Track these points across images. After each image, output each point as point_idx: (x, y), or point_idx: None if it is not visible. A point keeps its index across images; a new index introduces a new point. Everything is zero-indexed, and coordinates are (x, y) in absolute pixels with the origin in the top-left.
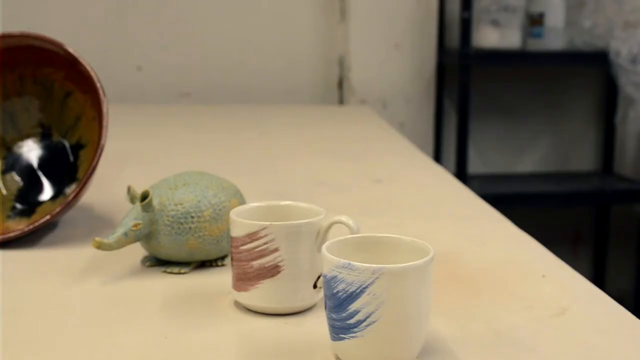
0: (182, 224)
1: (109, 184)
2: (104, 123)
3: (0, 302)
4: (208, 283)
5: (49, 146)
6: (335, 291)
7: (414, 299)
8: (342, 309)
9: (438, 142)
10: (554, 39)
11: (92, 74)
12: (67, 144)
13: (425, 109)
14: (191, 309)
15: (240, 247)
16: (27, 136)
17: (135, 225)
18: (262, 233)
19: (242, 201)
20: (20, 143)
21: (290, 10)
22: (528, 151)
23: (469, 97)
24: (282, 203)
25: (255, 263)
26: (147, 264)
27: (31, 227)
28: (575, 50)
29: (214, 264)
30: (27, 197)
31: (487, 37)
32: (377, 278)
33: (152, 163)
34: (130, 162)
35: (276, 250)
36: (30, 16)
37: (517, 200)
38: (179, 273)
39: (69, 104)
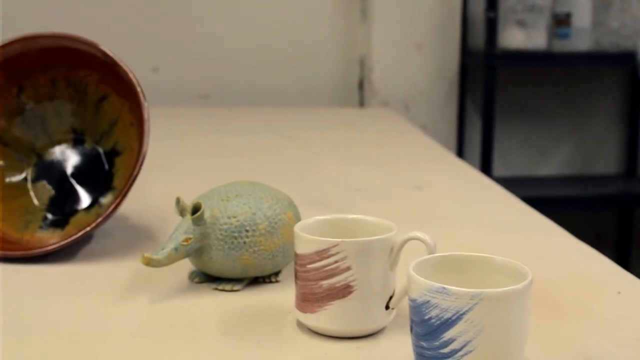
0: (236, 238)
1: (139, 191)
2: (145, 129)
3: (41, 321)
4: (264, 301)
5: (82, 153)
6: (427, 317)
7: (514, 326)
8: (434, 337)
9: (460, 144)
10: (581, 39)
11: (132, 76)
12: (101, 151)
13: (448, 110)
14: (251, 330)
15: (308, 266)
16: (59, 142)
17: (186, 240)
18: (333, 250)
19: (296, 213)
20: (51, 149)
21: (310, 10)
22: (551, 154)
23: (494, 98)
24: (350, 217)
25: (325, 283)
26: (196, 280)
27: (70, 239)
28: (602, 51)
29: (267, 280)
30: (60, 206)
31: (513, 37)
32: (475, 304)
33: (175, 167)
34: (152, 166)
35: (348, 269)
36: (40, 16)
37: (539, 204)
38: (232, 290)
39: (104, 108)
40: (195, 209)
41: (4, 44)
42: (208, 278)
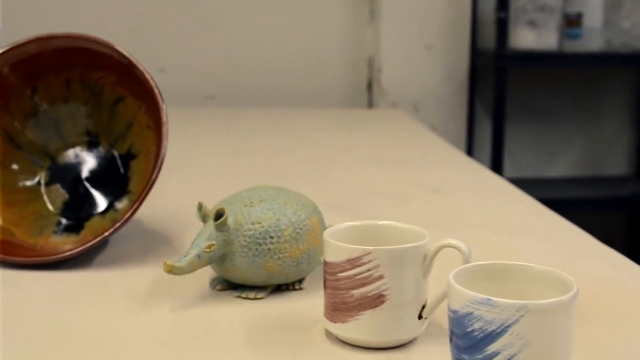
0: (260, 244)
1: (152, 194)
2: (164, 131)
3: (59, 330)
4: (290, 310)
5: (97, 156)
6: (469, 330)
7: (561, 339)
8: (477, 350)
9: (469, 145)
10: (592, 39)
11: (149, 78)
12: (116, 154)
13: (457, 111)
14: (279, 340)
15: (339, 274)
16: (73, 145)
17: (209, 247)
18: (366, 259)
19: (321, 219)
20: (65, 152)
21: (317, 10)
22: (560, 155)
23: (505, 99)
24: (380, 223)
25: (356, 292)
26: (218, 287)
27: (87, 245)
28: (613, 52)
29: (290, 287)
30: (74, 211)
31: (524, 38)
32: (522, 316)
33: (187, 169)
34: (164, 169)
35: (380, 277)
36: (46, 17)
37: (548, 206)
38: (255, 298)
39: (120, 110)
40: (219, 215)
41: (18, 45)
42: (230, 285)
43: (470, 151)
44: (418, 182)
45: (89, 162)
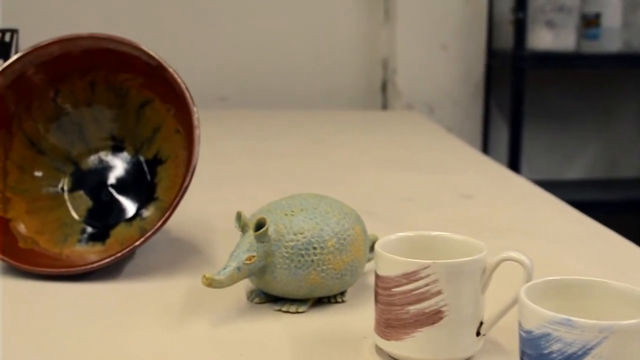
0: (302, 256)
1: None
2: (196, 136)
3: (91, 346)
4: (334, 324)
5: (122, 161)
6: (547, 352)
7: None
8: None
9: (485, 147)
10: (611, 40)
11: (180, 80)
12: (142, 159)
13: (473, 113)
14: (328, 357)
15: (394, 289)
16: (97, 150)
17: (249, 259)
18: (423, 273)
19: (364, 228)
20: (88, 157)
21: (331, 10)
22: (576, 157)
23: (522, 101)
24: (433, 234)
25: (413, 308)
26: (256, 300)
27: (116, 256)
28: (632, 52)
29: (332, 300)
30: (98, 218)
31: (541, 38)
32: (605, 337)
33: (207, 173)
34: None
35: (439, 293)
36: (56, 18)
37: None
38: (297, 312)
39: (146, 113)
40: (260, 225)
41: (42, 45)
42: (269, 298)
43: (485, 153)
44: (446, 187)
45: (113, 167)
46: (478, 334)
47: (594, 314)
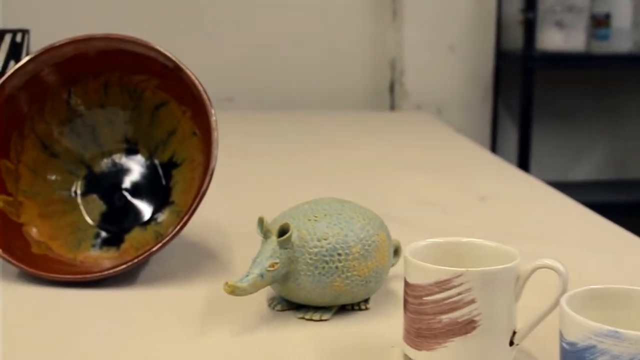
0: (327, 262)
1: None
2: (214, 139)
3: (110, 356)
4: (359, 332)
5: (136, 164)
6: None
7: None
8: None
9: (493, 148)
10: (621, 40)
11: (197, 82)
12: (157, 162)
13: (482, 114)
14: None
15: (425, 298)
16: (110, 153)
17: (272, 265)
18: (456, 281)
19: (388, 234)
20: (102, 160)
21: (338, 10)
22: (585, 158)
23: (532, 102)
24: (463, 240)
25: (445, 317)
26: (277, 307)
27: (133, 262)
28: None
29: (356, 307)
30: (112, 223)
31: (551, 39)
32: None
33: (219, 175)
34: None
35: (472, 302)
36: (63, 18)
37: None
38: (320, 320)
39: (161, 116)
40: (283, 231)
41: (55, 46)
42: (291, 305)
43: (494, 154)
44: (461, 189)
45: (127, 170)
46: (511, 343)
47: (637, 325)
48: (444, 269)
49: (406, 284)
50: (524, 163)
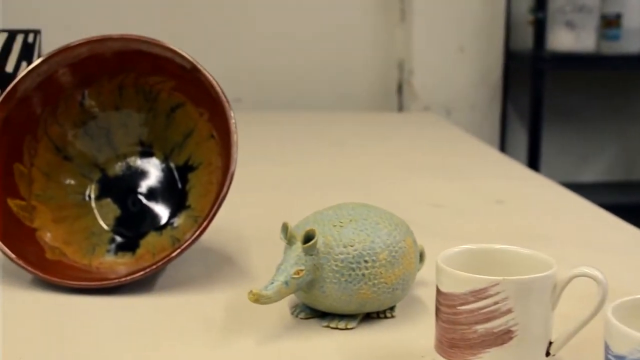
0: (353, 269)
1: None
2: (233, 141)
3: None
4: (387, 341)
5: (151, 167)
6: None
7: None
8: None
9: (502, 150)
10: (631, 41)
11: (215, 84)
12: (172, 165)
13: (491, 115)
14: None
15: (459, 307)
16: (124, 156)
17: (297, 272)
18: (492, 290)
19: (414, 240)
20: (116, 164)
21: (346, 11)
22: (594, 159)
23: (542, 103)
24: (496, 247)
25: (480, 327)
26: (301, 315)
27: (152, 268)
28: None
29: (381, 315)
30: (127, 227)
31: (561, 39)
32: None
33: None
34: None
35: (509, 311)
36: (68, 16)
37: None
38: (346, 328)
39: (177, 118)
40: (308, 237)
41: (70, 47)
42: (314, 313)
43: None
44: (476, 192)
45: (142, 174)
46: (547, 354)
47: None
48: (479, 277)
49: (439, 292)
50: (534, 164)
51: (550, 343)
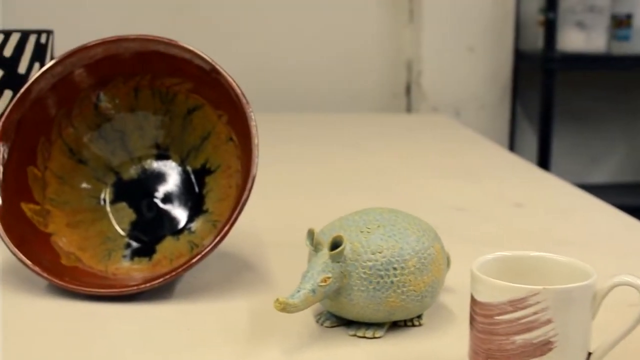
0: (382, 277)
1: None
2: (254, 145)
3: None
4: (416, 351)
5: (167, 171)
6: None
7: None
8: None
9: (512, 150)
10: None
11: (235, 85)
12: (189, 169)
13: (500, 115)
14: None
15: (497, 317)
16: (140, 159)
17: (324, 280)
18: (532, 300)
19: (442, 246)
20: (131, 167)
21: (354, 11)
22: (603, 160)
23: (552, 104)
24: (532, 254)
25: (519, 338)
26: (326, 324)
27: (174, 273)
28: None
29: (409, 323)
30: (143, 232)
31: (571, 39)
32: None
33: None
34: None
35: (548, 322)
36: (77, 20)
37: None
38: (374, 337)
39: (194, 120)
40: (336, 244)
41: (85, 47)
42: (340, 321)
43: None
44: (495, 195)
45: (158, 177)
46: None
47: None
48: (518, 286)
49: (474, 301)
50: (544, 165)
51: (590, 354)
